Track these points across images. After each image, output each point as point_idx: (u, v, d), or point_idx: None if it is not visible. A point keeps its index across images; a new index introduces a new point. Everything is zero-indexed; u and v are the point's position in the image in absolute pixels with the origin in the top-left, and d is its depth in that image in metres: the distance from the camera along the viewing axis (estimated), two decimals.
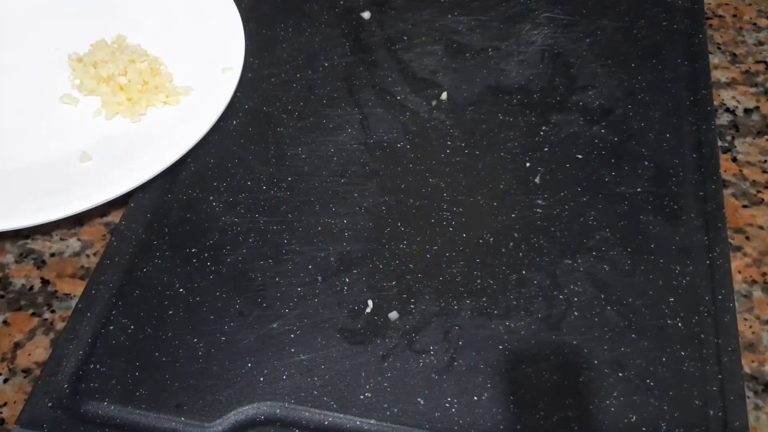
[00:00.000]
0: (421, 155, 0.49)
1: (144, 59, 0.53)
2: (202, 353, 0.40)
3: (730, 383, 0.39)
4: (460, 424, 0.37)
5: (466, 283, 0.43)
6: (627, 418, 0.37)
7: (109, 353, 0.40)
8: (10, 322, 0.43)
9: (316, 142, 0.51)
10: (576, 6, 0.59)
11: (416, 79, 0.55)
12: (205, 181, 0.48)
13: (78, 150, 0.49)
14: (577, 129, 0.51)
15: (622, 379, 0.39)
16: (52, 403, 0.38)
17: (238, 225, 0.46)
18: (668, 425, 0.37)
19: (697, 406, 0.38)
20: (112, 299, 0.42)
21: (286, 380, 0.39)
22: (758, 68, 0.56)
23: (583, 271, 0.43)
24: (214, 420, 0.38)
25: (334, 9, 0.60)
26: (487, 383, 0.39)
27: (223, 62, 0.53)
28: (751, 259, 0.45)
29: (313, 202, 0.47)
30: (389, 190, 0.48)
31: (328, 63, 0.56)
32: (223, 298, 0.42)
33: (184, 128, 0.49)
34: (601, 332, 0.41)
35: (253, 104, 0.53)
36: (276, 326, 0.41)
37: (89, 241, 0.47)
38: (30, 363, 0.41)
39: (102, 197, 0.46)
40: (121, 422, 0.38)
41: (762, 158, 0.50)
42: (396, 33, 0.58)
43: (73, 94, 0.53)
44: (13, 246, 0.46)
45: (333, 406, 0.38)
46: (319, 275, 0.43)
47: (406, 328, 0.41)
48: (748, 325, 0.42)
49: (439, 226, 0.46)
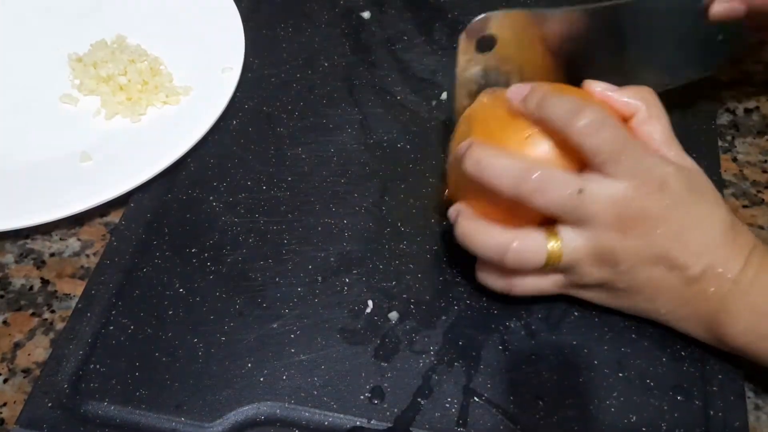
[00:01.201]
0: (421, 155, 0.49)
1: (144, 59, 0.53)
2: (202, 353, 0.40)
3: (730, 383, 0.39)
4: (460, 424, 0.37)
5: (466, 283, 0.43)
6: (627, 418, 0.37)
7: (109, 353, 0.40)
8: (10, 322, 0.43)
9: (316, 142, 0.51)
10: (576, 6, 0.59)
11: (416, 79, 0.55)
12: (205, 181, 0.48)
13: (78, 150, 0.49)
14: None
15: (622, 379, 0.39)
16: (52, 403, 0.38)
17: (238, 225, 0.46)
18: (668, 425, 0.37)
19: (697, 406, 0.38)
20: (112, 299, 0.42)
21: (286, 380, 0.39)
22: (758, 68, 0.56)
23: None
24: (214, 420, 0.38)
25: (334, 9, 0.60)
26: (487, 383, 0.39)
27: (223, 62, 0.53)
28: None
29: (313, 202, 0.47)
30: (389, 190, 0.48)
31: (328, 63, 0.56)
32: (223, 298, 0.42)
33: (184, 128, 0.49)
34: (601, 332, 0.41)
35: (253, 104, 0.53)
36: (276, 326, 0.41)
37: (89, 241, 0.47)
38: (30, 363, 0.41)
39: (102, 197, 0.46)
40: (121, 422, 0.38)
41: (762, 158, 0.50)
42: (396, 33, 0.58)
43: (73, 94, 0.53)
44: (13, 246, 0.46)
45: (333, 406, 0.38)
46: (319, 275, 0.43)
47: (406, 328, 0.41)
48: None
49: (439, 226, 0.46)
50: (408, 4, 0.60)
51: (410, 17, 0.59)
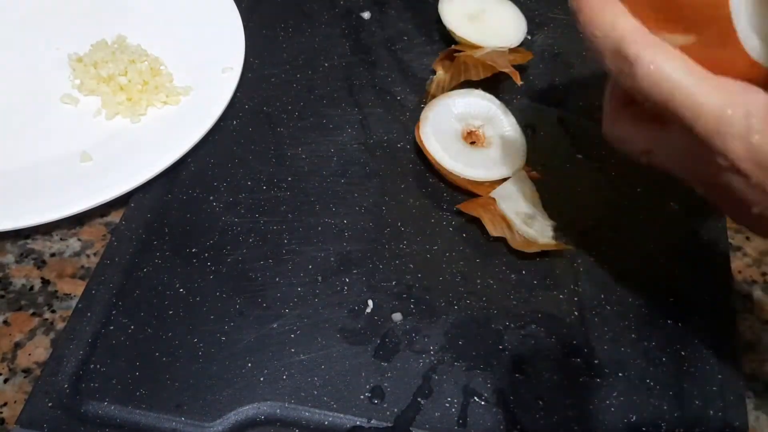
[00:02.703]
0: (421, 155, 0.49)
1: (144, 59, 0.53)
2: (202, 353, 0.40)
3: (730, 383, 0.39)
4: (460, 424, 0.37)
5: (466, 283, 0.43)
6: (627, 418, 0.37)
7: (109, 353, 0.40)
8: (10, 322, 0.43)
9: (316, 142, 0.51)
10: None
11: (416, 79, 0.55)
12: (205, 181, 0.48)
13: (78, 150, 0.49)
14: (577, 129, 0.51)
15: (622, 379, 0.39)
16: (52, 403, 0.38)
17: (238, 225, 0.46)
18: (668, 425, 0.37)
19: (697, 406, 0.38)
20: (112, 299, 0.42)
21: (286, 380, 0.39)
22: None
23: (582, 271, 0.43)
24: (214, 420, 0.38)
25: (334, 9, 0.60)
26: (487, 383, 0.39)
27: (223, 62, 0.53)
28: (751, 259, 0.45)
29: (313, 202, 0.47)
30: (389, 190, 0.48)
31: (328, 63, 0.56)
32: (223, 298, 0.42)
33: (184, 128, 0.49)
34: (601, 332, 0.41)
35: (253, 104, 0.53)
36: (276, 326, 0.41)
37: (89, 241, 0.47)
38: (30, 363, 0.41)
39: (102, 197, 0.46)
40: (121, 422, 0.38)
41: None
42: (396, 33, 0.58)
43: (73, 94, 0.53)
44: (13, 246, 0.46)
45: (333, 406, 0.38)
46: (319, 275, 0.43)
47: (407, 328, 0.41)
48: (748, 325, 0.42)
49: (439, 226, 0.46)
50: (408, 4, 0.60)
51: (410, 17, 0.59)
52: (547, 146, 0.50)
